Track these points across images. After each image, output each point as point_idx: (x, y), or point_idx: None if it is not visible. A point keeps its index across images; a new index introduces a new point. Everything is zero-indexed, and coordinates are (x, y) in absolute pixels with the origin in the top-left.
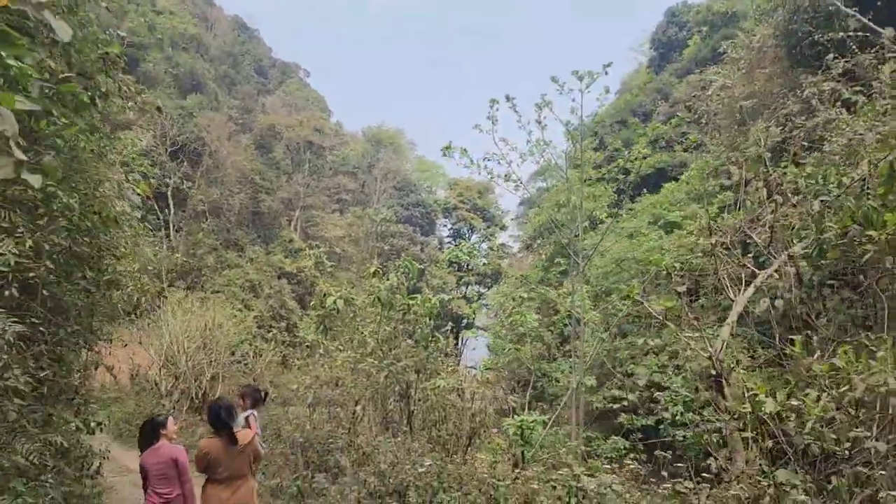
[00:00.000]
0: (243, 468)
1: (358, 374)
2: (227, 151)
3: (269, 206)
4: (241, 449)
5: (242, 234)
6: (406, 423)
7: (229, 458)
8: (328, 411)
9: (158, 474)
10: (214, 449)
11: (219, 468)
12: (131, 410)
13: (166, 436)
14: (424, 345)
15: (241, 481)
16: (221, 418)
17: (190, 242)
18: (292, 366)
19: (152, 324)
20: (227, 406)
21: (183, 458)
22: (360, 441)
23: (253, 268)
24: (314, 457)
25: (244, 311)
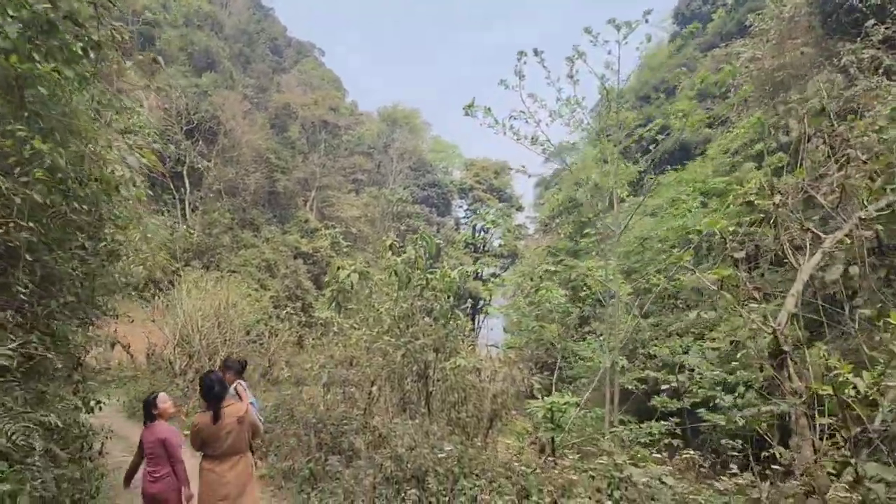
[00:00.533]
0: (240, 444)
1: (373, 353)
2: (242, 130)
3: (285, 186)
4: (236, 422)
5: (258, 214)
6: (424, 405)
7: (223, 433)
8: (342, 391)
9: (149, 453)
10: (206, 423)
11: (214, 444)
12: (145, 389)
13: (160, 414)
14: (444, 322)
15: (238, 457)
16: (214, 392)
17: (206, 222)
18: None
19: (168, 302)
20: (220, 379)
21: (172, 439)
22: (375, 423)
23: (269, 247)
24: (328, 439)
25: (260, 291)
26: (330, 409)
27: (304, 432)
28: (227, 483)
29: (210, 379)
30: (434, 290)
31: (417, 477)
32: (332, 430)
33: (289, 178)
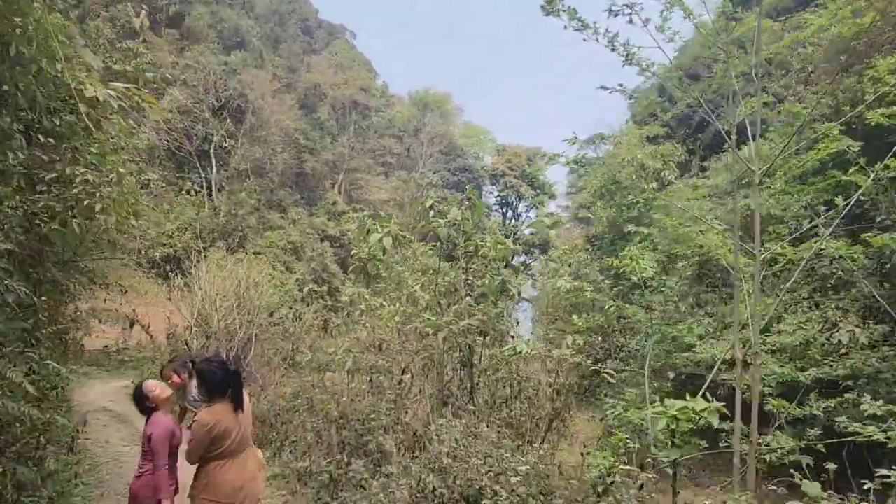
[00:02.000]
0: (248, 437)
1: (407, 335)
2: (270, 110)
3: (313, 167)
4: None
5: (285, 195)
6: (469, 399)
7: (238, 426)
8: (370, 380)
9: (143, 446)
10: (220, 419)
11: (228, 440)
12: (156, 371)
13: (155, 404)
14: (493, 299)
15: (249, 451)
16: (226, 374)
17: (232, 202)
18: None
19: (186, 282)
20: (222, 362)
21: (157, 436)
22: (408, 419)
23: (295, 229)
24: (351, 437)
25: (286, 274)
26: (355, 400)
27: (324, 427)
28: (242, 486)
29: (210, 367)
30: (485, 260)
31: (469, 499)
32: (357, 427)
33: (317, 160)
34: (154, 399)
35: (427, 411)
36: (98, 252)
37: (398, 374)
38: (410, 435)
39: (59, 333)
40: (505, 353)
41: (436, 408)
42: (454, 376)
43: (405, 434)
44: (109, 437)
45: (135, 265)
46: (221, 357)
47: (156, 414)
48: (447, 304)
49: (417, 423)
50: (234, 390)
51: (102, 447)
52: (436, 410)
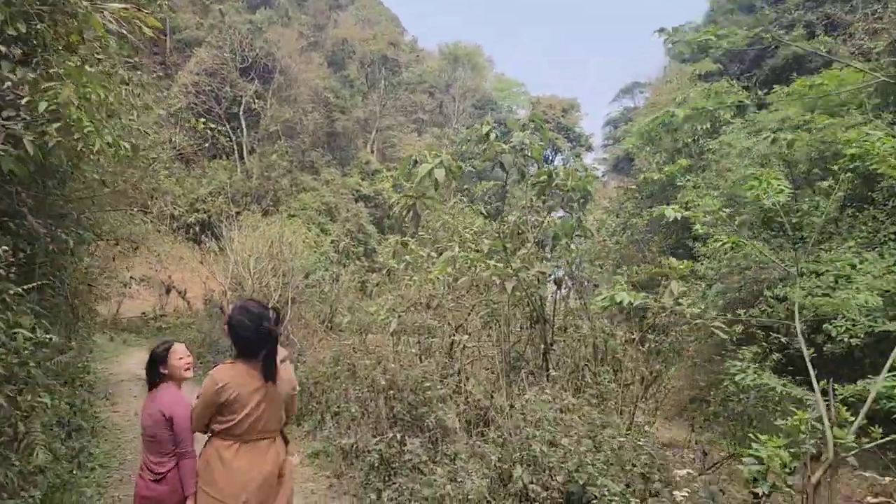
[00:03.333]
0: (273, 422)
1: (461, 289)
2: (298, 68)
3: (345, 126)
4: (278, 390)
5: (317, 156)
6: (542, 364)
7: (259, 401)
8: (418, 342)
9: (149, 435)
10: (237, 382)
11: (240, 413)
12: (192, 337)
13: (170, 375)
14: (568, 241)
15: (269, 443)
16: (258, 332)
17: (264, 165)
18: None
19: (220, 245)
20: (262, 314)
21: (182, 416)
22: (470, 387)
23: (329, 190)
24: (403, 409)
25: (321, 236)
26: (405, 366)
27: (370, 397)
28: (251, 481)
29: (242, 317)
30: (563, 191)
31: (570, 498)
32: (411, 398)
33: (348, 118)
34: (173, 369)
35: (493, 378)
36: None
37: (452, 335)
38: (474, 407)
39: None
40: (599, 304)
41: (503, 373)
42: (522, 335)
43: (466, 405)
44: (139, 409)
45: (169, 230)
46: (262, 306)
47: (167, 387)
48: (512, 248)
49: (480, 391)
50: (266, 353)
51: (130, 420)
52: (503, 376)
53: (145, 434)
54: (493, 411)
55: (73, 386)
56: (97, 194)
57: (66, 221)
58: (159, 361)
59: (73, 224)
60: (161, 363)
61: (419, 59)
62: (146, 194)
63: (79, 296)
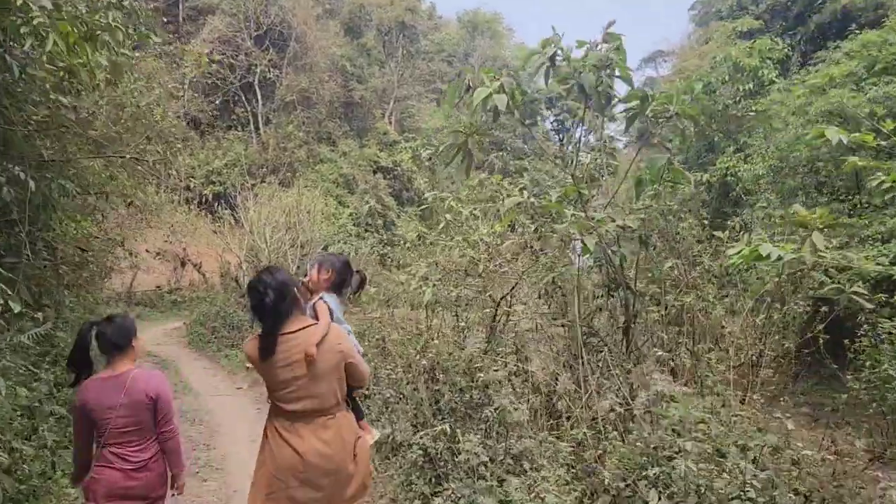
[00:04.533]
0: (323, 396)
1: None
2: (314, 36)
3: (362, 96)
4: (303, 360)
5: (334, 127)
6: (623, 342)
7: (288, 377)
8: (455, 315)
9: (129, 426)
10: (255, 361)
11: (279, 392)
12: (205, 311)
13: (134, 353)
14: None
15: (324, 419)
16: (266, 303)
17: (280, 136)
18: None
19: (236, 217)
20: (283, 283)
21: (168, 392)
22: (534, 369)
23: (346, 162)
24: (454, 396)
25: (339, 209)
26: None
27: (405, 378)
28: (305, 462)
29: (262, 282)
30: (662, 118)
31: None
32: (458, 381)
33: (365, 88)
34: (140, 343)
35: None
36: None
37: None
38: (538, 393)
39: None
40: (733, 261)
41: (572, 352)
42: (593, 306)
43: (530, 391)
44: (94, 399)
45: (182, 201)
46: (285, 275)
47: (129, 365)
48: (585, 198)
49: (541, 374)
50: (265, 327)
51: None
52: (571, 356)
53: (118, 426)
54: (561, 399)
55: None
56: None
57: (44, 169)
58: (126, 333)
59: (55, 172)
60: (123, 336)
61: (437, 26)
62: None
63: (69, 262)
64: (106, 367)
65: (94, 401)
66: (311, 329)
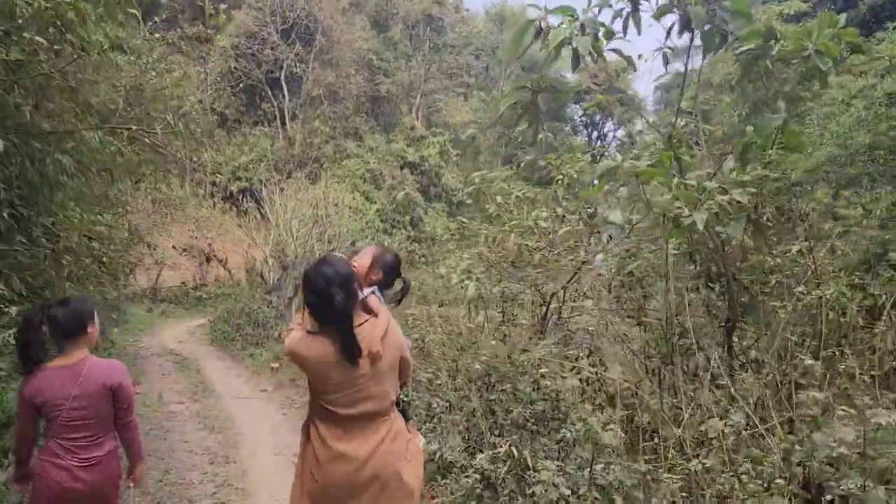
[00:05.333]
0: (381, 397)
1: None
2: (340, 29)
3: (389, 90)
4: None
5: (361, 122)
6: (725, 344)
7: (355, 378)
8: (501, 312)
9: (86, 418)
10: (316, 356)
11: (333, 392)
12: (230, 307)
13: (88, 340)
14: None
15: (380, 422)
16: (336, 301)
17: (306, 131)
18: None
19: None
20: (347, 275)
21: (128, 383)
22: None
23: (373, 157)
24: (512, 405)
25: (366, 204)
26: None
27: (449, 384)
28: (361, 472)
29: (324, 276)
30: (789, 64)
31: None
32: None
33: (392, 82)
34: (93, 333)
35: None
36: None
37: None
38: (613, 405)
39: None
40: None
41: (658, 356)
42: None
43: (605, 403)
44: (164, 391)
45: (207, 196)
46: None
47: (87, 355)
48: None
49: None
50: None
51: (149, 407)
52: (656, 360)
53: (71, 419)
54: (646, 414)
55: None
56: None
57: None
58: (83, 318)
59: (51, 146)
60: (87, 319)
61: (464, 19)
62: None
63: (73, 251)
64: (59, 355)
65: (45, 391)
66: (373, 322)
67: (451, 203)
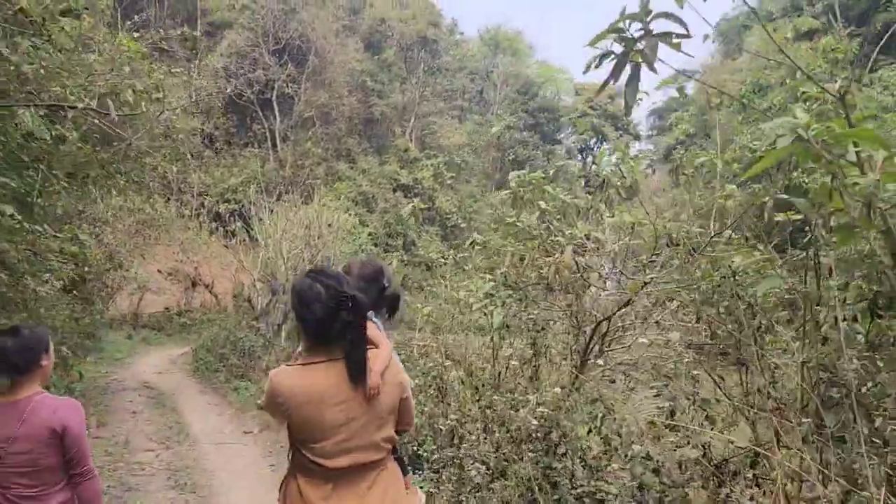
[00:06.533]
0: (383, 444)
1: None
2: (333, 50)
3: (382, 112)
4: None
5: (354, 144)
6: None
7: (350, 417)
8: (532, 344)
9: (15, 464)
10: (307, 390)
11: (318, 433)
12: (214, 335)
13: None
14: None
15: (375, 473)
16: (338, 306)
17: (298, 153)
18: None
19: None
20: (339, 279)
21: (80, 424)
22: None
23: (366, 179)
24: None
25: (359, 228)
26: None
27: (488, 440)
28: None
29: (322, 276)
30: None
31: None
32: (638, 461)
33: (386, 104)
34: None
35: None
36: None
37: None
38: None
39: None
40: None
41: (801, 417)
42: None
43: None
44: (133, 434)
45: (192, 216)
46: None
47: (34, 390)
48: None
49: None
50: (351, 342)
51: (111, 455)
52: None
53: (11, 465)
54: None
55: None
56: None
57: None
58: (41, 351)
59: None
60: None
61: (458, 43)
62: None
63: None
64: (6, 391)
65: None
66: (374, 353)
67: (444, 227)
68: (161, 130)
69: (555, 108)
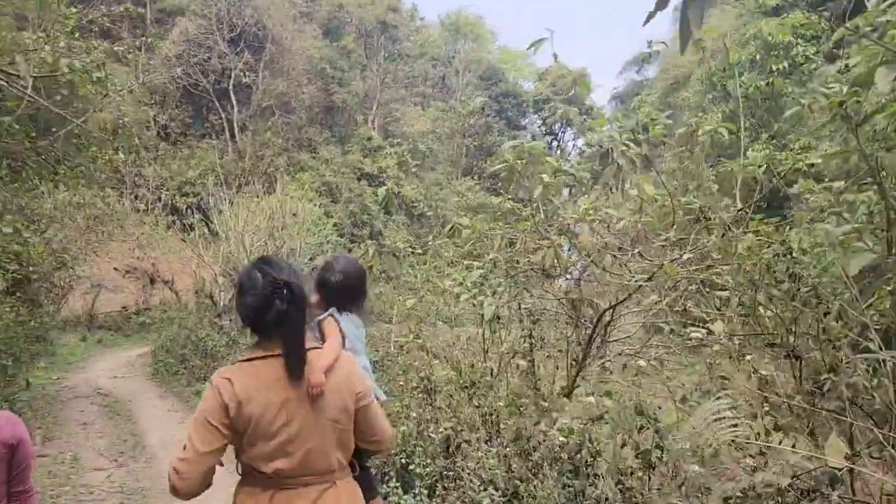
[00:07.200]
0: (327, 453)
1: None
2: (291, 37)
3: (343, 100)
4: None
5: (315, 133)
6: None
7: (289, 419)
8: (528, 335)
9: None
10: (257, 390)
11: (264, 447)
12: (174, 334)
13: None
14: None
15: (321, 488)
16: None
17: (257, 143)
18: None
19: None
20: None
21: (28, 440)
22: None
23: (329, 170)
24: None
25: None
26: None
27: (497, 456)
28: None
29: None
30: None
31: None
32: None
33: (347, 91)
34: None
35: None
36: None
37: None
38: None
39: None
40: None
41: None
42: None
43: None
44: (83, 449)
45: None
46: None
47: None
48: None
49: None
50: (288, 334)
51: (56, 477)
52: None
53: None
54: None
55: None
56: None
57: None
58: None
59: None
60: None
61: (419, 28)
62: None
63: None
64: None
65: None
66: (317, 352)
67: (411, 216)
68: (111, 118)
69: (518, 93)
